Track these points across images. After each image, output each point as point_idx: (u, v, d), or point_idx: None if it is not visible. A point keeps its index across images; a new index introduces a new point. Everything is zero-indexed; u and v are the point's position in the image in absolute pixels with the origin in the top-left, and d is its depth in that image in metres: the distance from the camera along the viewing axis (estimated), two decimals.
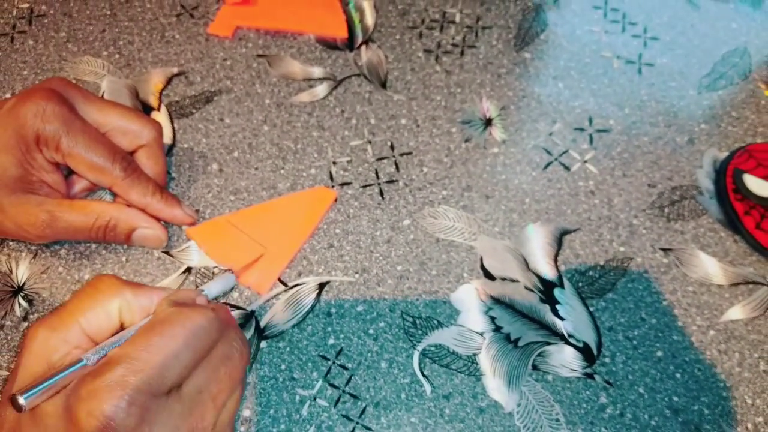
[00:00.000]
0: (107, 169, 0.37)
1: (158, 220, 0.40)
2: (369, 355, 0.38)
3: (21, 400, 0.24)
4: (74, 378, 0.26)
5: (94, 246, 0.41)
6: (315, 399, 0.36)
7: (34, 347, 0.27)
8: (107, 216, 0.38)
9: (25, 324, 0.39)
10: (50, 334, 0.27)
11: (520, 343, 0.38)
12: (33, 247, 0.41)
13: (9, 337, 0.38)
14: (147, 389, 0.25)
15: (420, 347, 0.38)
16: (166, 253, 0.41)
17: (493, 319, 0.39)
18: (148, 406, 0.25)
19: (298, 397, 0.36)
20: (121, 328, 0.30)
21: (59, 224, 0.37)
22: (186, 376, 0.27)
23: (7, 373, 0.37)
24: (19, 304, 0.39)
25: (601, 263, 0.41)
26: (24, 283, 0.40)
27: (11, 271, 0.40)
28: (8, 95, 0.47)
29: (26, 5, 0.53)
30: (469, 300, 0.40)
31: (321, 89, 0.48)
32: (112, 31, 0.51)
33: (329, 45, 0.51)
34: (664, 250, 0.42)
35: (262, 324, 0.39)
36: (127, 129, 0.39)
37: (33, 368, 0.27)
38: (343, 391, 0.37)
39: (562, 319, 0.39)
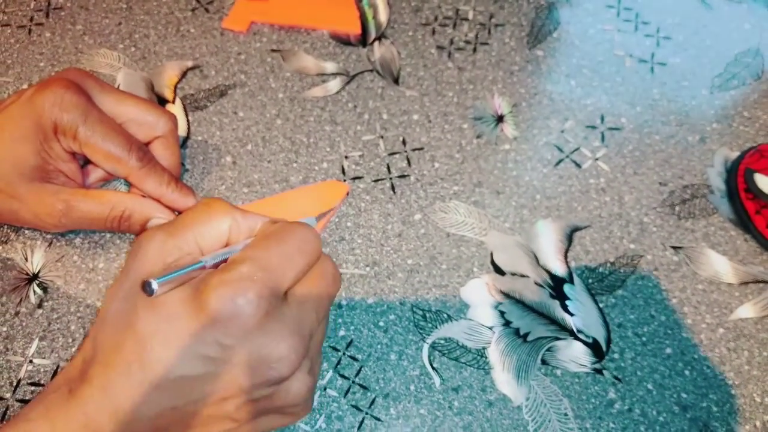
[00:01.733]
0: (123, 159, 0.37)
1: (173, 210, 0.41)
2: (379, 347, 0.38)
3: (154, 284, 0.25)
4: (192, 276, 0.27)
5: (108, 236, 0.42)
6: (325, 389, 0.37)
7: (150, 248, 0.28)
8: (123, 206, 0.38)
9: (40, 311, 0.39)
10: (167, 238, 0.28)
11: (530, 338, 0.38)
12: (48, 236, 0.42)
13: (24, 324, 0.39)
14: (270, 286, 0.27)
15: (430, 340, 0.38)
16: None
17: (502, 313, 0.39)
18: (270, 302, 0.26)
19: None
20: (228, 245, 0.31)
21: (75, 214, 0.37)
22: (296, 282, 0.28)
23: (22, 359, 0.38)
24: (34, 291, 0.40)
25: (612, 260, 0.41)
26: (39, 271, 0.40)
27: (27, 259, 0.41)
28: (25, 86, 0.48)
29: None
30: (479, 294, 0.40)
31: (334, 84, 0.49)
32: (128, 24, 0.52)
33: (343, 41, 0.51)
34: (674, 248, 0.42)
35: None
36: (143, 120, 0.39)
37: (148, 267, 0.28)
38: (353, 382, 0.37)
39: (571, 314, 0.39)
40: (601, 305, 0.40)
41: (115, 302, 0.28)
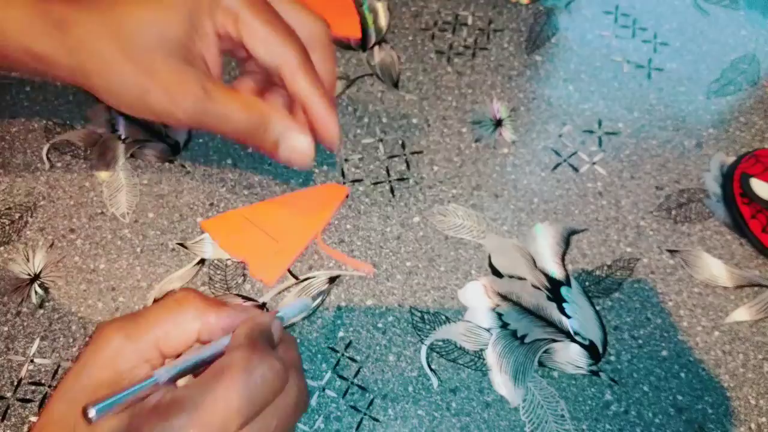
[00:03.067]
0: (282, 46, 0.34)
1: (313, 130, 0.36)
2: (377, 348, 0.38)
3: (91, 413, 0.24)
4: (141, 394, 0.25)
5: (109, 236, 0.42)
6: (324, 390, 0.37)
7: (105, 352, 0.26)
8: (262, 111, 0.34)
9: (41, 311, 0.39)
10: (125, 342, 0.26)
11: (527, 340, 0.39)
12: (49, 237, 0.42)
13: (25, 324, 0.39)
14: None
15: (428, 342, 0.39)
16: (180, 244, 0.42)
17: (500, 315, 0.40)
18: None
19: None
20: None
21: (213, 106, 0.33)
22: (241, 428, 0.25)
23: (23, 358, 0.38)
24: (36, 291, 0.40)
25: (608, 263, 0.42)
26: (40, 272, 0.41)
27: (28, 260, 0.41)
28: (27, 88, 0.48)
29: None
30: (477, 297, 0.40)
31: None
32: None
33: (343, 45, 0.52)
34: (670, 251, 0.42)
35: None
36: (297, 21, 0.36)
37: (99, 373, 0.26)
38: (352, 383, 0.37)
39: (568, 317, 0.40)
40: (597, 308, 0.40)
41: (62, 403, 0.26)
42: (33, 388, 0.37)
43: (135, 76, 0.32)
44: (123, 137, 0.43)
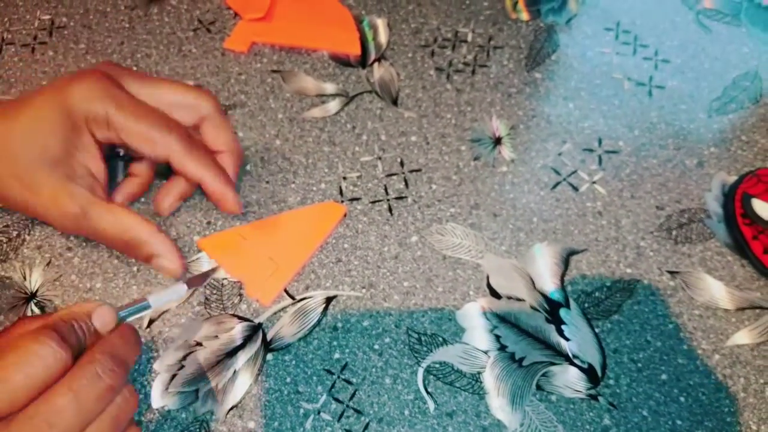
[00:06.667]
0: (162, 138, 0.36)
1: (212, 201, 0.40)
2: (374, 370, 0.38)
3: None
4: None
5: (106, 255, 0.42)
6: (319, 413, 0.37)
7: None
8: (135, 233, 0.38)
9: None
10: None
11: (525, 363, 0.38)
12: (47, 255, 0.42)
13: None
14: None
15: (425, 364, 0.38)
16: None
17: (498, 337, 0.39)
18: None
19: (302, 411, 0.37)
20: None
21: (88, 223, 0.37)
22: (23, 402, 0.26)
23: None
24: (32, 311, 0.40)
25: (608, 284, 0.41)
26: (37, 290, 0.41)
27: (25, 278, 0.41)
28: None
29: (47, 17, 0.54)
30: (475, 318, 0.40)
31: (333, 105, 0.49)
32: (130, 43, 0.52)
33: (342, 62, 0.52)
34: (671, 272, 0.42)
35: (269, 336, 0.39)
36: (183, 103, 0.39)
37: None
38: (347, 406, 0.37)
39: (567, 339, 0.39)
40: (596, 330, 0.40)
41: None
42: None
43: (20, 191, 0.36)
44: (121, 154, 0.43)
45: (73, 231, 0.38)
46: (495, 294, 0.41)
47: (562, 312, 0.40)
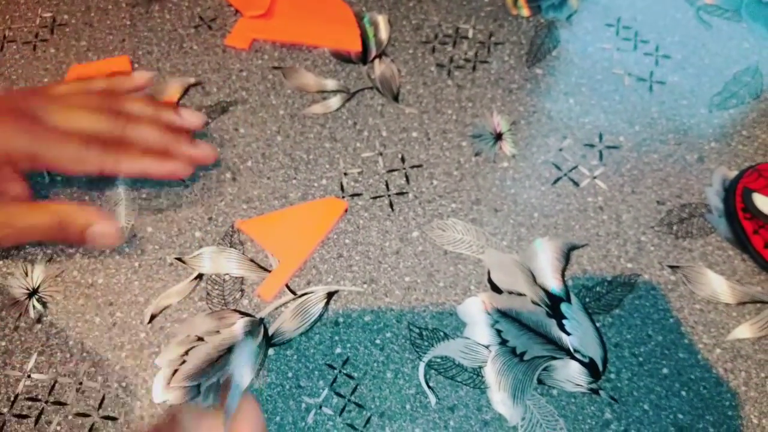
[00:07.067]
0: (85, 156, 0.38)
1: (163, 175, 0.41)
2: (375, 365, 0.38)
3: None
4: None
5: (107, 251, 0.42)
6: (321, 407, 0.37)
7: None
8: (61, 213, 0.38)
9: (39, 326, 0.39)
10: None
11: (526, 357, 0.38)
12: (48, 251, 0.42)
13: (23, 339, 0.39)
14: None
15: (426, 358, 0.38)
16: (179, 259, 0.42)
17: (499, 332, 0.39)
18: None
19: (304, 405, 0.37)
20: None
21: (17, 224, 0.37)
22: None
23: (20, 374, 0.38)
24: (34, 306, 0.40)
25: (609, 279, 0.41)
26: (39, 286, 0.41)
27: (27, 274, 0.41)
28: None
29: (49, 14, 0.54)
30: (476, 313, 0.40)
31: (334, 101, 0.49)
32: (131, 40, 0.52)
33: (343, 58, 0.52)
34: (671, 267, 0.42)
35: (271, 331, 0.39)
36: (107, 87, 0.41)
37: None
38: (349, 400, 0.37)
39: (568, 334, 0.39)
40: (598, 324, 0.40)
41: None
42: (29, 404, 0.37)
43: None
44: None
45: (9, 241, 0.38)
46: (496, 289, 0.41)
47: (564, 306, 0.40)
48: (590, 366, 0.38)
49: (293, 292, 0.41)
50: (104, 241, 0.40)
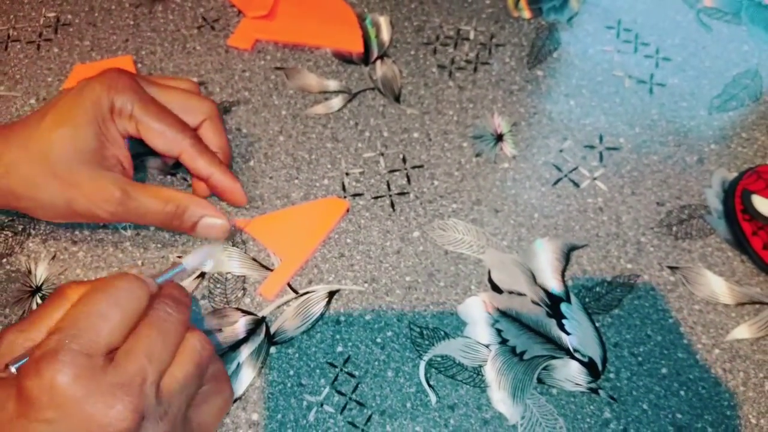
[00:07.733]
0: (177, 137, 0.39)
1: (220, 195, 0.43)
2: (376, 363, 0.38)
3: (12, 369, 0.27)
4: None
5: (111, 249, 0.42)
6: (322, 405, 0.37)
7: (1, 346, 0.29)
8: (178, 202, 0.39)
9: None
10: (17, 334, 0.29)
11: (526, 357, 0.39)
12: (52, 249, 0.42)
13: None
14: (84, 351, 0.26)
15: (426, 357, 0.39)
16: (181, 257, 0.42)
17: (499, 331, 0.40)
18: (87, 367, 0.26)
19: (305, 403, 0.37)
20: None
21: (132, 204, 0.38)
22: (119, 337, 0.28)
23: None
24: (37, 304, 0.40)
25: (608, 279, 0.42)
26: (42, 284, 0.41)
27: (30, 272, 0.41)
28: (33, 101, 0.49)
29: (53, 14, 0.54)
30: (476, 312, 0.40)
31: (336, 102, 0.49)
32: (134, 40, 0.53)
33: (345, 59, 0.52)
34: (671, 268, 0.42)
35: (273, 330, 0.39)
36: (187, 106, 0.41)
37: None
38: (350, 399, 0.37)
39: (568, 333, 0.39)
40: (597, 324, 0.40)
41: None
42: None
43: (61, 190, 0.37)
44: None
45: (117, 217, 0.38)
46: (496, 289, 0.41)
47: (563, 306, 0.40)
48: (590, 365, 0.38)
49: (295, 291, 0.41)
50: (214, 233, 0.41)
